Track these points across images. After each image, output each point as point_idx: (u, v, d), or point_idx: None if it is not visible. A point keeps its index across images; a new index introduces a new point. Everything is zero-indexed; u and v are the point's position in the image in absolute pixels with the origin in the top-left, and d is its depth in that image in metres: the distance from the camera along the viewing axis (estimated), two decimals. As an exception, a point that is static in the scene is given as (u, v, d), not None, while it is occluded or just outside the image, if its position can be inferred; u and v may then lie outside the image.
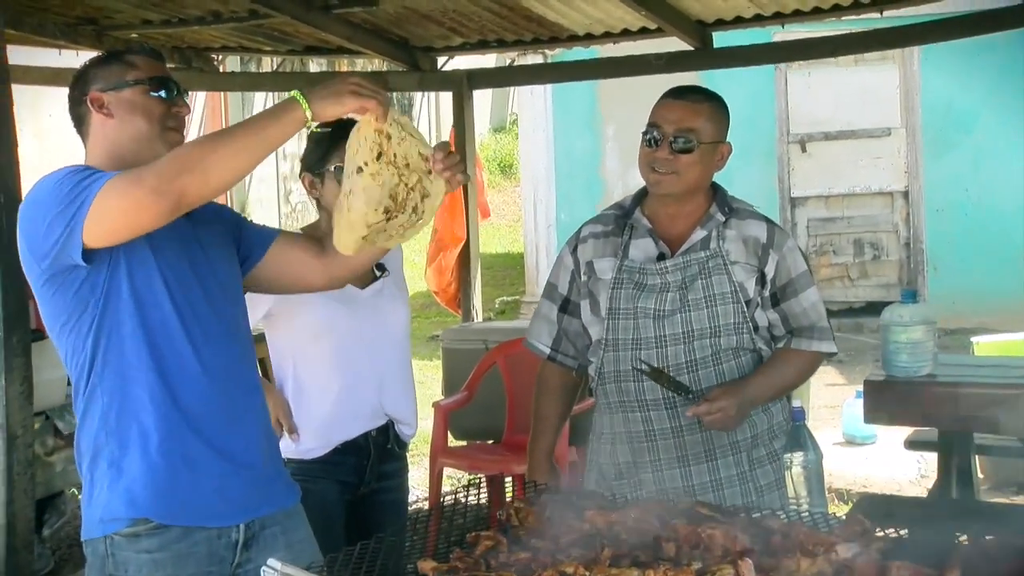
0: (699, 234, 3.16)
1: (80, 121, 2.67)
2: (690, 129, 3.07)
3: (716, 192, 3.23)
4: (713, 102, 3.16)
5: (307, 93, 2.45)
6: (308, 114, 2.44)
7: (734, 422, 3.03)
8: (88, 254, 2.44)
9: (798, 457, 2.87)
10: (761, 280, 3.14)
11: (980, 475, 5.78)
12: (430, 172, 2.54)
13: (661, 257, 3.16)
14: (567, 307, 3.31)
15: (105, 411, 2.56)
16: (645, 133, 3.12)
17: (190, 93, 2.78)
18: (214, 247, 2.73)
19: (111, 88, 2.62)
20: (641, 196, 3.26)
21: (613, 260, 3.20)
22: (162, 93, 2.64)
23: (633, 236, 3.22)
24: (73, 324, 2.54)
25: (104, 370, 2.55)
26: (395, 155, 2.51)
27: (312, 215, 3.51)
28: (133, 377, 2.56)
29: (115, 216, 2.41)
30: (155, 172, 2.40)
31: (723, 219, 3.17)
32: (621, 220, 3.26)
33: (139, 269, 2.54)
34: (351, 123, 3.35)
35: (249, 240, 2.83)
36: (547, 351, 3.35)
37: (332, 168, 3.28)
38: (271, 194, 15.79)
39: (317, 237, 2.88)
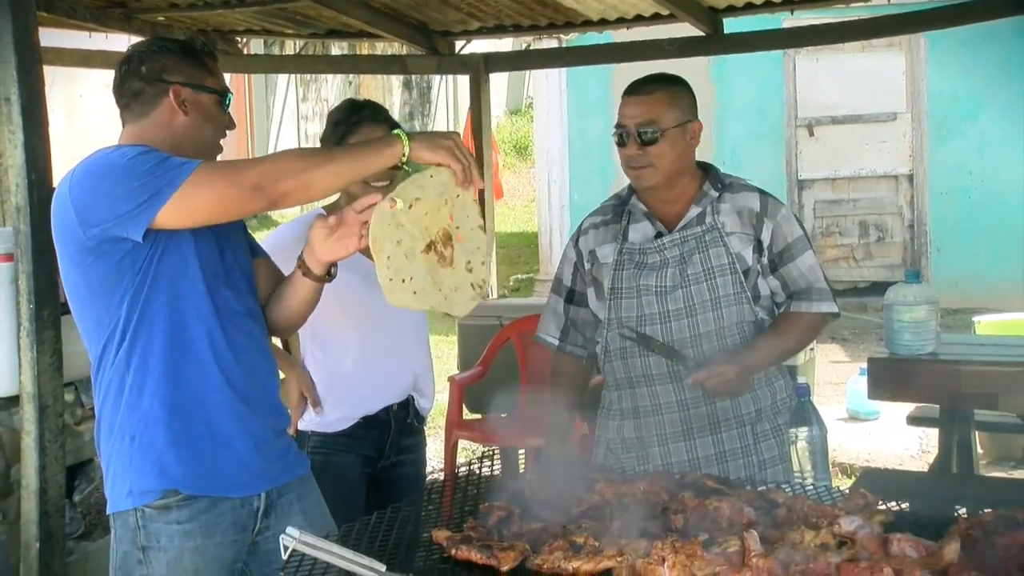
0: (694, 211, 3.16)
1: (137, 97, 2.65)
2: (650, 121, 3.06)
3: (708, 171, 3.22)
4: (669, 87, 3.14)
5: (410, 136, 2.56)
6: (406, 152, 2.54)
7: (736, 386, 3.03)
8: (145, 232, 2.45)
9: (803, 432, 2.87)
10: (758, 248, 3.13)
11: (979, 450, 5.77)
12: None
13: (659, 236, 3.17)
14: (572, 298, 3.32)
15: (133, 385, 2.56)
16: (614, 133, 3.13)
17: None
18: (235, 236, 2.78)
19: (192, 86, 2.65)
20: None
21: (614, 245, 3.21)
22: (228, 108, 2.71)
23: (631, 221, 3.22)
24: (107, 294, 2.53)
25: (133, 344, 2.55)
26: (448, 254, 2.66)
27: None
28: (163, 352, 2.56)
29: (205, 204, 2.45)
30: (258, 170, 2.46)
31: (717, 195, 3.16)
32: (619, 208, 3.27)
33: (177, 249, 2.56)
34: (367, 108, 3.36)
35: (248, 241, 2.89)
36: (556, 343, 3.35)
37: None
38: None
39: (276, 280, 2.88)
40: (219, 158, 2.76)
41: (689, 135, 3.12)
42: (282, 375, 3.16)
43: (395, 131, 2.58)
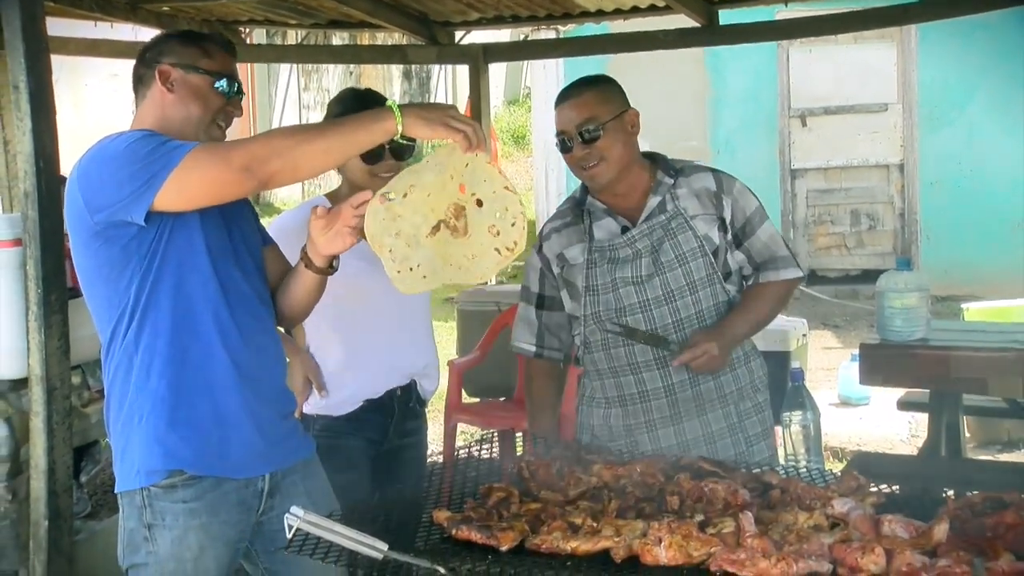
0: (653, 201, 3.15)
1: (140, 81, 2.69)
2: (588, 119, 3.07)
3: (656, 161, 3.23)
4: (596, 85, 3.16)
5: (403, 108, 2.48)
6: (399, 127, 2.47)
7: (720, 362, 3.05)
8: (148, 215, 2.45)
9: (796, 416, 2.87)
10: (723, 226, 3.15)
11: (967, 434, 5.78)
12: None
13: (625, 230, 3.16)
14: (543, 303, 3.31)
15: (141, 367, 2.57)
16: (557, 144, 3.14)
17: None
18: (245, 220, 2.77)
19: (182, 66, 2.64)
20: None
21: (581, 245, 3.21)
22: (224, 89, 2.67)
23: (593, 219, 3.22)
24: (115, 276, 2.54)
25: (142, 326, 2.56)
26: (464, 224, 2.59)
27: (335, 181, 3.49)
28: (170, 335, 2.56)
29: (199, 186, 2.45)
30: (246, 152, 2.44)
31: (671, 181, 3.17)
32: (577, 208, 3.26)
33: (185, 232, 2.56)
34: (371, 98, 3.32)
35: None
36: (533, 349, 3.33)
37: None
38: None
39: (284, 269, 2.88)
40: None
41: (628, 124, 3.12)
42: (287, 359, 3.16)
43: (388, 104, 2.51)
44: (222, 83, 2.67)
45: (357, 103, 3.31)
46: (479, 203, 2.59)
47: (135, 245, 2.51)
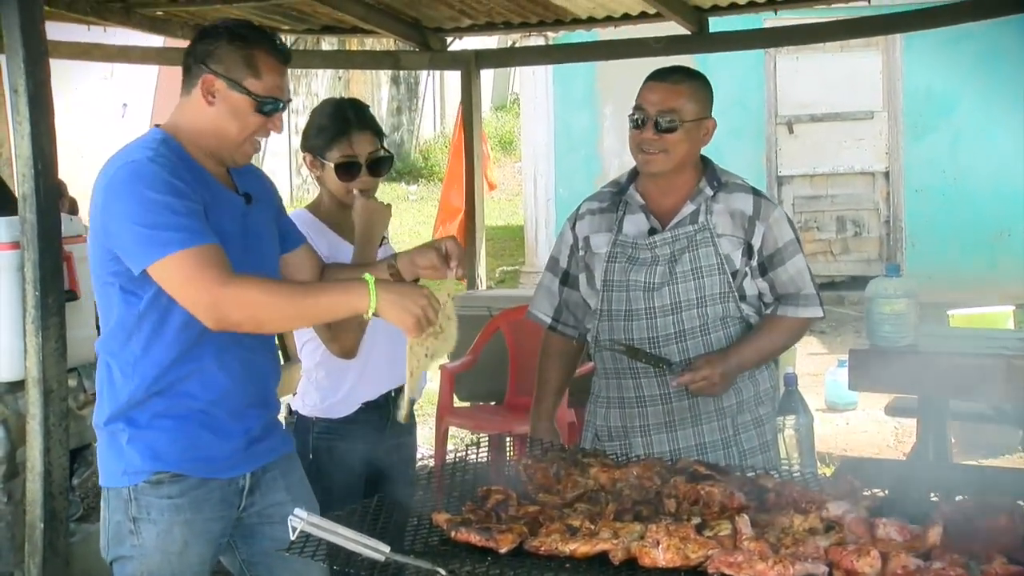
0: (688, 208, 3.15)
1: (187, 73, 2.62)
2: (672, 109, 3.05)
3: (706, 167, 3.21)
4: (694, 81, 3.14)
5: (379, 289, 2.46)
6: (372, 309, 2.45)
7: (720, 388, 3.05)
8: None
9: (790, 420, 2.88)
10: (748, 251, 3.13)
11: (952, 439, 5.81)
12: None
13: (652, 232, 3.17)
14: (567, 280, 3.33)
15: (137, 370, 2.57)
16: (632, 115, 3.11)
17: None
18: (263, 226, 2.75)
19: (227, 80, 2.56)
20: (635, 173, 3.25)
21: (608, 235, 3.21)
22: (265, 112, 2.60)
23: (627, 212, 3.22)
24: (129, 287, 2.53)
25: (148, 332, 2.55)
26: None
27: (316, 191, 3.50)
28: (171, 341, 2.56)
29: (171, 289, 2.47)
30: (217, 293, 2.42)
31: (711, 193, 3.16)
32: (616, 197, 3.26)
33: None
34: (353, 112, 3.32)
35: (283, 231, 2.86)
36: (548, 321, 3.37)
37: (332, 164, 3.27)
38: (283, 167, 15.77)
39: (319, 266, 2.95)
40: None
41: (703, 131, 3.12)
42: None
43: (365, 277, 2.49)
44: (266, 107, 2.59)
45: (339, 122, 3.27)
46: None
47: None
